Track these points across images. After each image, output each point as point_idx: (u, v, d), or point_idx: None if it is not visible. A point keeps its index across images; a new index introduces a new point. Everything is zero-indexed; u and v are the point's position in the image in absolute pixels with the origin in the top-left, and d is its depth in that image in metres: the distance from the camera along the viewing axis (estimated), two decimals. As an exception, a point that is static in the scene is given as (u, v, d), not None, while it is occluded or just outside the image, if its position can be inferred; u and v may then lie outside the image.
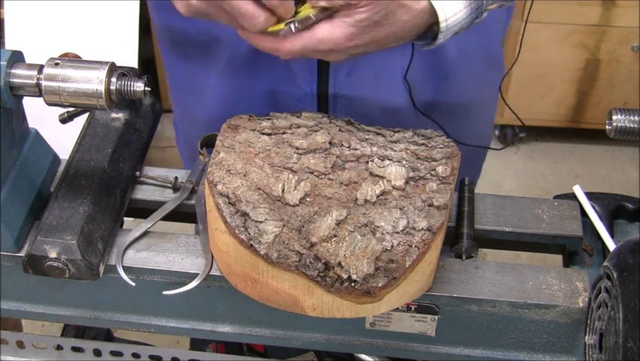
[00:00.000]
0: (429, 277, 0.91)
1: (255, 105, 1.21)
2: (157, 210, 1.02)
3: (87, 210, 0.95)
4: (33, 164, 0.99)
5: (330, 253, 0.83)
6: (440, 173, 0.92)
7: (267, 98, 1.21)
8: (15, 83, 0.87)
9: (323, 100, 1.19)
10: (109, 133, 1.05)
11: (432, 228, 0.86)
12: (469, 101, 1.26)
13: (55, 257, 0.91)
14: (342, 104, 1.19)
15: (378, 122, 1.05)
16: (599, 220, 1.03)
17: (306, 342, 1.02)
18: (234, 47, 1.16)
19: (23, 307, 1.05)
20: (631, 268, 0.79)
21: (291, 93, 1.19)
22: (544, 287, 0.94)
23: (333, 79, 1.17)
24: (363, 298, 0.84)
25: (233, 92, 1.22)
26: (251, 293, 0.89)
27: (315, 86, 1.17)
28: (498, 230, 1.02)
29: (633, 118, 0.88)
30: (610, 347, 0.80)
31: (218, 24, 0.91)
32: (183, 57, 1.26)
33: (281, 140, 0.95)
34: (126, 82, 0.88)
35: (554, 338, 0.96)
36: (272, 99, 1.21)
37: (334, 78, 1.16)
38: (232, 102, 1.23)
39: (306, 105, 1.19)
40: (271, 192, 0.88)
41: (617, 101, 2.76)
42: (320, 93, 1.18)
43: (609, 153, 2.97)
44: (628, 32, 2.58)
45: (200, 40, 1.19)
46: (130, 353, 1.17)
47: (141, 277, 0.97)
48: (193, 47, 1.22)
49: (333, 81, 1.17)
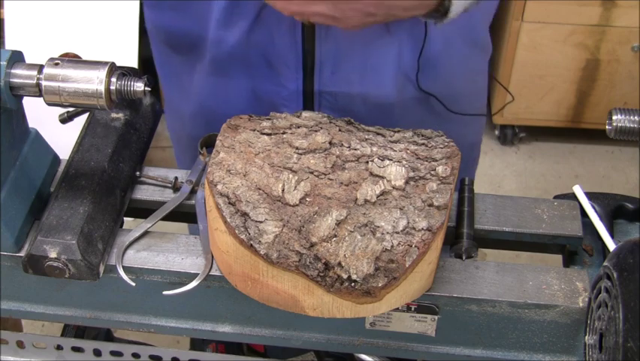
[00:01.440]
0: (429, 277, 0.91)
1: (239, 103, 1.22)
2: (157, 210, 1.02)
3: (87, 210, 0.95)
4: (33, 164, 0.99)
5: (330, 253, 0.83)
6: (440, 173, 0.92)
7: (252, 97, 1.22)
8: (15, 83, 0.87)
9: (308, 98, 1.19)
10: (109, 133, 1.05)
11: (432, 228, 0.86)
12: (459, 87, 1.26)
13: (55, 257, 0.91)
14: (327, 101, 1.19)
15: (364, 118, 1.05)
16: (599, 220, 1.03)
17: (306, 342, 1.02)
18: (218, 46, 1.16)
19: (23, 307, 1.05)
20: (631, 268, 0.79)
21: (276, 92, 1.19)
22: (544, 287, 0.94)
23: (318, 76, 1.17)
24: (363, 298, 0.84)
25: (217, 90, 1.23)
26: (251, 293, 0.89)
27: (301, 84, 1.18)
28: (498, 230, 1.02)
29: (633, 118, 0.88)
30: (610, 347, 0.80)
31: (204, 24, 0.92)
32: (171, 54, 1.27)
33: (281, 140, 0.95)
34: (126, 82, 0.88)
35: (554, 338, 0.96)
36: (256, 98, 1.21)
37: (319, 76, 1.17)
38: (216, 100, 1.24)
39: (291, 103, 1.19)
40: (271, 192, 0.88)
41: (617, 101, 2.76)
42: (305, 91, 1.18)
43: (609, 153, 2.97)
44: (628, 32, 2.58)
45: (187, 39, 1.20)
46: (130, 353, 1.17)
47: (141, 277, 0.97)
48: (180, 45, 1.23)
49: (318, 79, 1.17)
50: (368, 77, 1.17)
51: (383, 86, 1.18)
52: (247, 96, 1.22)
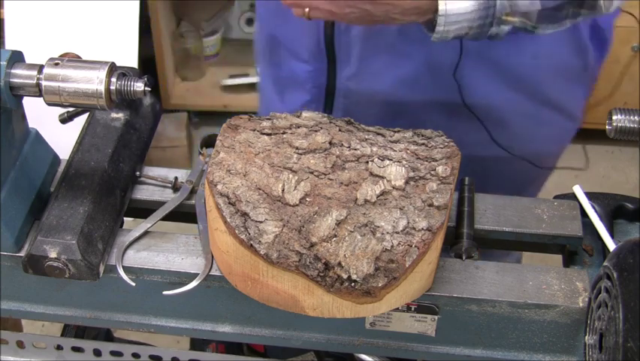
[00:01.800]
0: (429, 277, 0.91)
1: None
2: (157, 210, 1.02)
3: (87, 210, 0.95)
4: (33, 164, 0.99)
5: (330, 253, 0.83)
6: (440, 173, 0.92)
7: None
8: (15, 83, 0.87)
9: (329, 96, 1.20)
10: (109, 133, 1.05)
11: (432, 228, 0.86)
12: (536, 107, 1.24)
13: (55, 257, 0.91)
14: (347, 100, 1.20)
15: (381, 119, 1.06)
16: (599, 220, 1.03)
17: (306, 342, 1.02)
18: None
19: (23, 307, 1.05)
20: (631, 268, 0.79)
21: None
22: (544, 287, 0.94)
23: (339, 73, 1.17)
24: (363, 298, 0.84)
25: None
26: (251, 293, 0.89)
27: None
28: (498, 230, 1.02)
29: (633, 118, 0.88)
30: (610, 347, 0.80)
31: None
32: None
33: (281, 140, 0.95)
34: (126, 82, 0.88)
35: (554, 338, 0.96)
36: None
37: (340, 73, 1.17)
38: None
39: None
40: (271, 192, 0.88)
41: (617, 101, 2.76)
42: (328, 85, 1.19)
43: (609, 153, 2.97)
44: (628, 32, 2.58)
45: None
46: (130, 353, 1.17)
47: (141, 277, 0.97)
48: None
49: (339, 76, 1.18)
50: (389, 78, 1.18)
51: (405, 88, 1.19)
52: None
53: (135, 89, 0.88)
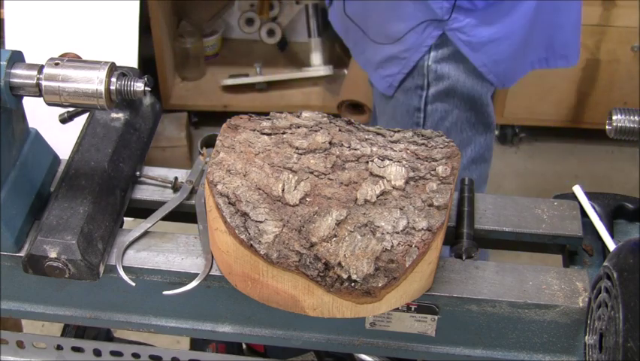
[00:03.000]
0: (429, 277, 0.91)
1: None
2: (157, 210, 1.02)
3: (87, 210, 0.95)
4: (33, 164, 0.99)
5: (330, 253, 0.83)
6: (440, 173, 0.92)
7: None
8: (15, 83, 0.87)
9: None
10: (109, 133, 1.05)
11: (432, 228, 0.86)
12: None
13: (55, 257, 0.91)
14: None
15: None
16: (599, 220, 1.03)
17: (306, 342, 1.02)
18: None
19: (23, 307, 1.05)
20: (631, 268, 0.79)
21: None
22: (544, 287, 0.94)
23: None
24: (363, 298, 0.84)
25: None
26: (251, 293, 0.89)
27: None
28: (498, 230, 1.02)
29: (633, 118, 0.88)
30: (610, 347, 0.80)
31: None
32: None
33: (281, 140, 0.95)
34: (126, 82, 0.88)
35: (554, 338, 0.96)
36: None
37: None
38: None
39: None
40: (271, 192, 0.88)
41: (617, 101, 2.76)
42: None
43: (609, 153, 2.97)
44: (628, 32, 2.59)
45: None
46: (130, 353, 1.17)
47: (141, 277, 0.97)
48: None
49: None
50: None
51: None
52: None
53: (135, 89, 0.88)
